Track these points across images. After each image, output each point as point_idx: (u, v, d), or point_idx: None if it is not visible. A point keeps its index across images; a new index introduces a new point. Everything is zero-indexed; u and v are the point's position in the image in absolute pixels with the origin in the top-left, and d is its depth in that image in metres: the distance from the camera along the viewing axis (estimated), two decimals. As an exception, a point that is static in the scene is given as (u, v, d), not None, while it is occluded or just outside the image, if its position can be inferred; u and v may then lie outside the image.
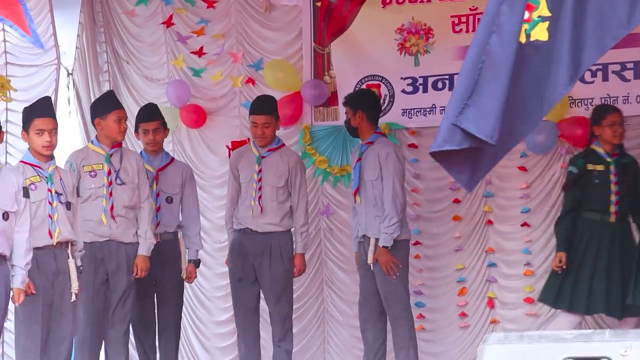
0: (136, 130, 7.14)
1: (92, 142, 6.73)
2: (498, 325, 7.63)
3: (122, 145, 6.78)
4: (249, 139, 7.37)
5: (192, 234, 7.01)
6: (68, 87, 8.14)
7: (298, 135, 8.06)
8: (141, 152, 7.10)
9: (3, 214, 5.59)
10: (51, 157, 6.11)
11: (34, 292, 5.69)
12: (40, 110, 6.09)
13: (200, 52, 8.16)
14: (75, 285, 6.01)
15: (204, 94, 8.24)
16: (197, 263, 7.05)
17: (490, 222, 7.74)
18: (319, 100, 8.00)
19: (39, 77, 7.79)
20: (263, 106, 7.06)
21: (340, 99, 7.91)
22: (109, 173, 6.56)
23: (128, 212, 6.57)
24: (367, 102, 7.08)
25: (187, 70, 8.23)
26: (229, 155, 7.79)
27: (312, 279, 7.97)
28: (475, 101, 4.03)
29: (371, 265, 6.89)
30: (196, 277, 7.11)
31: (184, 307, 7.77)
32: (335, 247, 7.96)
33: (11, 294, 5.58)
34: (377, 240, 6.84)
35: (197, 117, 8.20)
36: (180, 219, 7.09)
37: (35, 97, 7.52)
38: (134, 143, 7.86)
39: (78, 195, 6.24)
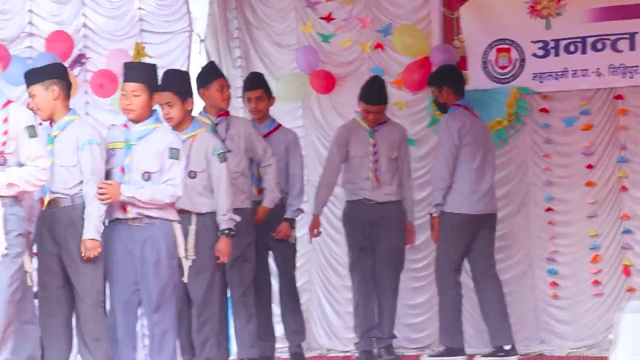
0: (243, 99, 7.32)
1: (200, 113, 6.82)
2: (635, 294, 7.50)
3: (230, 114, 6.89)
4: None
5: (291, 195, 7.14)
6: (200, 54, 8.25)
7: (427, 101, 8.00)
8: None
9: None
10: (189, 126, 6.25)
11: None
12: (160, 85, 6.18)
13: (329, 18, 8.17)
14: (190, 253, 6.10)
15: (333, 60, 8.26)
16: (291, 222, 7.14)
17: (624, 188, 7.60)
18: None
19: (172, 44, 7.93)
20: (380, 97, 7.35)
21: (471, 64, 7.91)
22: None
23: (236, 179, 6.64)
24: (450, 77, 7.36)
25: (316, 36, 8.25)
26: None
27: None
28: None
29: None
30: (289, 236, 7.15)
31: (316, 273, 7.92)
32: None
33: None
34: None
35: (327, 82, 8.23)
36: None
37: (169, 64, 7.70)
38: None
39: (222, 161, 6.30)
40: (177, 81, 6.29)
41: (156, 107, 5.99)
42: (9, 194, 5.23)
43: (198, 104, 6.72)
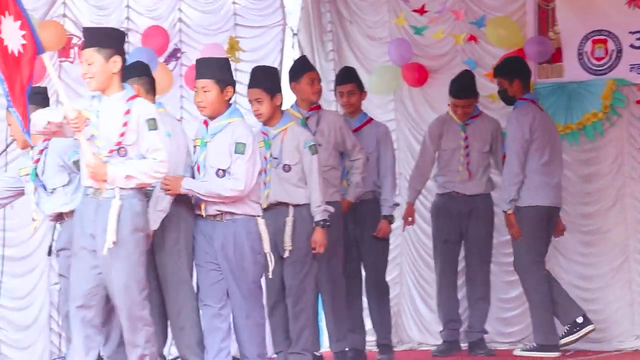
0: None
1: (291, 106, 6.83)
2: None
3: (322, 108, 6.89)
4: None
5: (384, 190, 7.12)
6: (293, 47, 8.30)
7: (521, 93, 7.94)
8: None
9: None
10: (280, 121, 6.24)
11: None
12: (249, 81, 6.24)
13: (422, 10, 8.15)
14: (287, 244, 6.16)
15: (425, 52, 8.24)
16: (389, 219, 7.11)
17: None
18: (543, 57, 7.87)
19: (266, 38, 7.99)
20: (467, 91, 7.42)
21: (566, 55, 7.85)
22: None
23: (326, 172, 6.64)
24: (521, 70, 7.31)
25: (409, 28, 8.23)
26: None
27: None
28: None
29: None
30: (388, 232, 7.12)
31: (407, 266, 7.90)
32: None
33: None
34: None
35: (419, 75, 8.22)
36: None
37: (261, 58, 7.76)
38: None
39: (313, 153, 6.30)
40: (265, 77, 6.29)
41: (234, 101, 6.01)
42: (128, 186, 5.25)
43: (290, 97, 6.76)
